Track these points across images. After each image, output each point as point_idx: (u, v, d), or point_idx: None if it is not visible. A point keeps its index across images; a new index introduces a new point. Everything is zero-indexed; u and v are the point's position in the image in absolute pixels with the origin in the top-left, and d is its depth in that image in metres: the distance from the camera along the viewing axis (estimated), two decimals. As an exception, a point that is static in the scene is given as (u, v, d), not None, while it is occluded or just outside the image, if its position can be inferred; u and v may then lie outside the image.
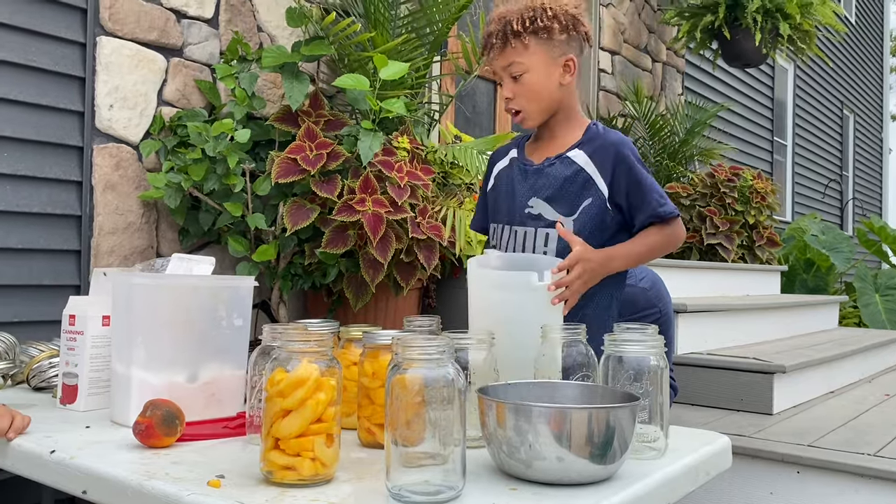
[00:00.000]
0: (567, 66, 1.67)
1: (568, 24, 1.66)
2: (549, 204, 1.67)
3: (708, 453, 1.24)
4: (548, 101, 1.69)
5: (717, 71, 5.69)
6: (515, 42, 1.64)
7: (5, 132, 2.12)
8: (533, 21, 1.64)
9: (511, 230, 1.72)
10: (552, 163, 1.69)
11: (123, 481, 1.02)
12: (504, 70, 1.69)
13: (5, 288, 2.13)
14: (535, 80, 1.66)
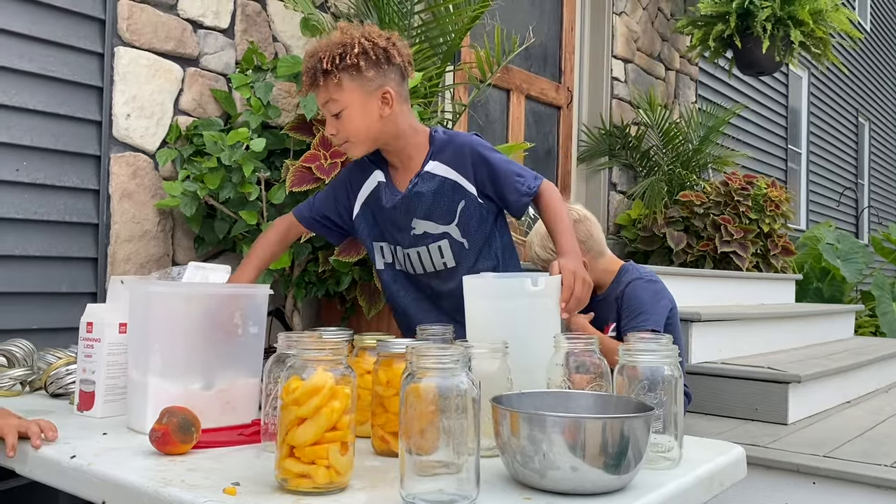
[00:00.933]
0: (385, 98, 1.66)
1: (378, 58, 1.65)
2: (429, 220, 1.75)
3: (722, 464, 1.24)
4: (369, 134, 1.69)
5: (731, 79, 5.68)
6: (326, 80, 1.64)
7: (24, 141, 2.15)
8: (343, 58, 1.62)
9: (404, 253, 1.80)
10: (415, 183, 1.75)
11: (140, 488, 1.03)
12: (323, 108, 1.70)
13: (24, 295, 2.15)
14: (353, 116, 1.66)
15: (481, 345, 1.24)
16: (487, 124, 3.99)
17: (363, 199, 1.83)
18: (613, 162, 4.67)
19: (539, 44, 4.31)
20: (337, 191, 1.89)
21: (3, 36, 2.10)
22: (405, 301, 1.87)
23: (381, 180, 1.80)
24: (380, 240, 1.84)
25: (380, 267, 1.87)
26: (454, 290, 1.71)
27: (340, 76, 1.62)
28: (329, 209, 1.88)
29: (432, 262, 1.79)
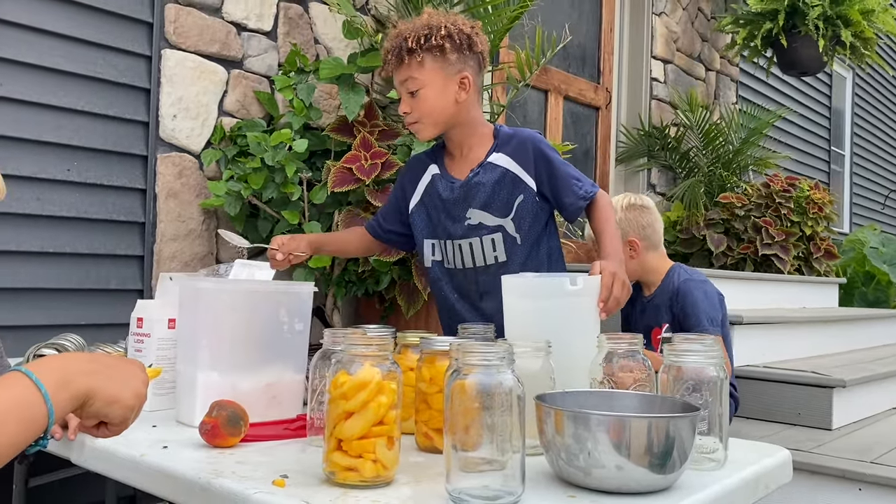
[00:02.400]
0: (463, 83, 1.71)
1: (462, 43, 1.69)
2: (486, 211, 1.77)
3: (769, 466, 1.22)
4: (443, 116, 1.73)
5: (772, 80, 5.59)
6: (410, 59, 1.69)
7: (75, 142, 2.21)
8: (427, 39, 1.67)
9: (455, 244, 1.81)
10: (476, 172, 1.77)
11: (192, 479, 1.06)
12: (401, 85, 1.74)
13: (73, 291, 2.21)
14: (431, 96, 1.70)
15: (524, 343, 1.24)
16: (525, 125, 3.98)
17: (419, 195, 1.87)
18: (652, 163, 4.63)
19: (578, 44, 4.29)
20: (397, 193, 1.93)
21: (55, 39, 2.16)
22: (450, 300, 1.88)
23: (436, 173, 1.83)
24: (431, 237, 1.86)
25: (428, 264, 1.89)
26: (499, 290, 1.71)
27: (424, 56, 1.67)
28: (394, 217, 1.93)
29: (483, 255, 1.79)
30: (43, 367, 0.76)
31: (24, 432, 0.71)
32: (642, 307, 2.27)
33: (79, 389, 0.78)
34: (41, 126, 2.14)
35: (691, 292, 2.11)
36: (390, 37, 1.74)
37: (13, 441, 0.70)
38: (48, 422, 0.73)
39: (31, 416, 0.72)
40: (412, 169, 1.89)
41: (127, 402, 0.84)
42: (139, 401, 0.87)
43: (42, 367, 0.75)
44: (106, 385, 0.82)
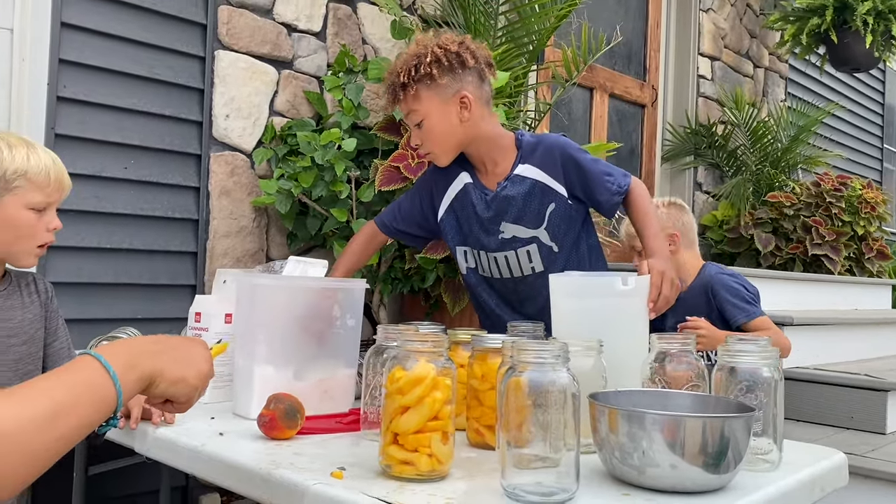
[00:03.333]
0: (463, 102, 1.68)
1: (452, 64, 1.67)
2: (518, 224, 1.75)
3: (824, 468, 1.21)
4: (453, 140, 1.72)
5: (823, 76, 5.47)
6: (404, 94, 1.68)
7: (133, 141, 2.27)
8: (417, 69, 1.66)
9: (490, 257, 1.80)
10: (504, 186, 1.75)
11: (252, 469, 1.09)
12: (406, 119, 1.74)
13: (130, 286, 2.28)
14: (434, 125, 1.69)
15: (577, 342, 1.25)
16: (570, 123, 3.97)
17: (449, 201, 1.84)
18: (699, 161, 4.57)
19: (624, 41, 4.26)
20: (421, 195, 1.90)
21: (117, 42, 2.23)
22: (490, 304, 1.88)
23: (469, 181, 1.81)
24: (463, 244, 1.84)
25: (463, 271, 1.89)
26: (539, 295, 1.72)
27: (417, 87, 1.66)
28: (410, 218, 1.90)
29: (520, 267, 1.79)
30: (110, 350, 0.80)
31: (96, 413, 0.75)
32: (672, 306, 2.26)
33: (145, 371, 0.82)
34: (104, 126, 2.21)
35: (726, 282, 2.16)
36: (386, 74, 1.74)
37: (86, 422, 0.74)
38: (117, 402, 0.77)
39: (101, 397, 0.75)
40: (440, 175, 1.85)
41: (191, 382, 0.89)
42: (203, 380, 0.91)
43: (110, 351, 0.79)
44: (171, 366, 0.86)
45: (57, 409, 0.70)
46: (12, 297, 1.40)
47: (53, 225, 1.38)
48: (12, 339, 1.38)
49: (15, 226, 1.33)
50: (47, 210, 1.37)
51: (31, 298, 1.44)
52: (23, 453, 0.66)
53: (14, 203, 1.32)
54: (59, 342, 1.49)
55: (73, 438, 0.72)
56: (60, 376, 0.74)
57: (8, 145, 1.32)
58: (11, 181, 1.31)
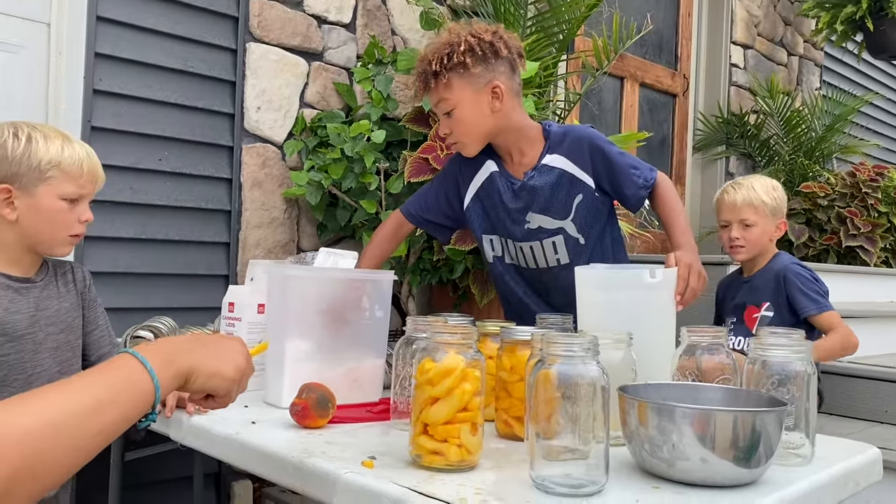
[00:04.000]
0: (495, 92, 1.67)
1: (485, 53, 1.65)
2: (544, 214, 1.74)
3: (858, 463, 1.20)
4: (482, 130, 1.71)
5: (860, 63, 5.36)
6: (436, 82, 1.66)
7: (167, 133, 2.31)
8: (450, 58, 1.64)
9: (517, 246, 1.79)
10: (532, 175, 1.74)
11: (286, 458, 1.11)
12: (436, 108, 1.72)
13: (164, 276, 2.32)
14: (465, 114, 1.68)
15: (606, 334, 1.25)
16: (600, 113, 3.94)
17: (475, 189, 1.84)
18: (731, 151, 4.51)
19: (655, 30, 4.21)
20: (446, 184, 1.89)
21: (151, 35, 2.26)
22: (516, 294, 1.87)
23: (495, 170, 1.80)
24: (490, 232, 1.84)
25: (489, 259, 1.89)
26: (566, 286, 1.72)
27: (449, 76, 1.65)
28: (436, 207, 1.90)
29: (545, 258, 1.79)
30: (147, 348, 0.83)
31: (135, 407, 0.77)
32: (737, 286, 2.29)
33: (181, 367, 0.85)
34: (139, 119, 2.25)
35: (800, 272, 2.17)
36: (416, 62, 1.73)
37: (125, 415, 0.76)
38: (155, 397, 0.79)
39: (140, 391, 0.78)
40: (465, 163, 1.84)
41: (227, 375, 0.90)
42: (240, 373, 0.93)
43: (147, 349, 0.82)
44: (206, 361, 0.88)
45: (98, 404, 0.73)
46: (49, 286, 1.44)
47: (85, 217, 1.41)
48: (50, 327, 1.42)
49: (48, 215, 1.37)
50: (80, 201, 1.40)
51: (69, 288, 1.48)
52: (66, 446, 0.69)
53: (48, 193, 1.36)
54: (98, 330, 1.52)
55: (114, 432, 0.74)
56: (101, 372, 0.77)
57: (44, 136, 1.36)
58: (45, 171, 1.35)
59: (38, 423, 0.67)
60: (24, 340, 1.37)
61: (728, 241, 2.23)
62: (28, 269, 1.42)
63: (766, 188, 2.25)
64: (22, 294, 1.38)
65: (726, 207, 2.25)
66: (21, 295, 1.38)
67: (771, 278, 2.19)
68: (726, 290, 2.35)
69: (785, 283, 2.16)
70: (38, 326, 1.39)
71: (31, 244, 1.40)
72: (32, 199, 1.35)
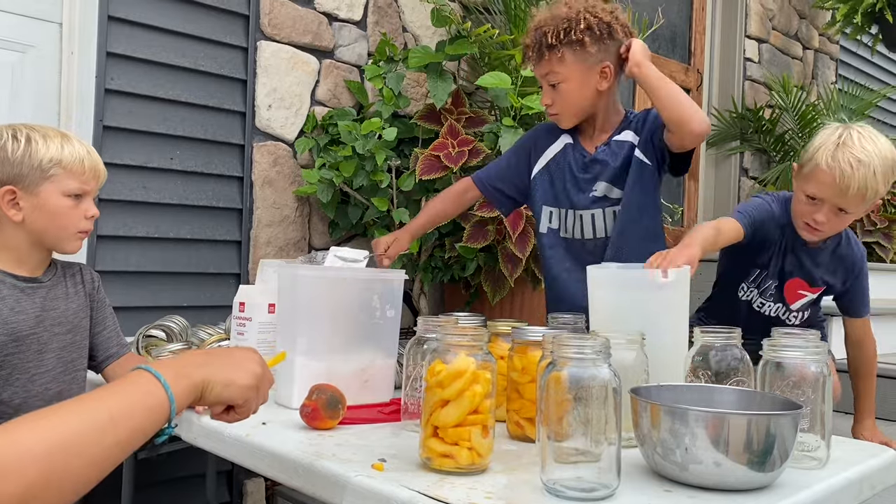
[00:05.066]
0: (604, 72, 1.71)
1: (602, 33, 1.68)
2: (611, 184, 1.77)
3: (874, 466, 1.18)
4: (584, 106, 1.75)
5: (875, 56, 5.29)
6: (550, 54, 1.69)
7: (178, 132, 2.31)
8: (567, 33, 1.66)
9: (577, 214, 1.81)
10: (603, 149, 1.78)
11: (296, 459, 1.10)
12: (543, 78, 1.74)
13: (176, 275, 2.33)
14: (572, 89, 1.71)
15: (618, 335, 1.23)
16: (612, 109, 3.91)
17: (546, 160, 1.86)
18: (745, 146, 4.47)
19: (668, 25, 4.18)
20: (518, 154, 1.92)
21: (163, 34, 2.27)
22: (557, 269, 1.87)
23: (570, 142, 1.83)
24: (552, 204, 1.85)
25: (543, 231, 1.88)
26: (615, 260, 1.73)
27: (563, 50, 1.68)
28: (507, 177, 1.91)
29: (605, 227, 1.79)
30: (160, 363, 0.84)
31: (150, 420, 0.78)
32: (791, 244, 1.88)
33: (195, 379, 0.85)
34: (150, 118, 2.25)
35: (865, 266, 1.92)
36: (529, 30, 1.75)
37: (141, 428, 0.77)
38: (170, 410, 0.80)
39: (154, 404, 0.79)
40: (542, 134, 1.88)
41: (242, 382, 0.90)
42: (256, 379, 0.93)
43: (159, 363, 0.84)
44: (220, 371, 0.89)
45: (114, 417, 0.73)
46: (57, 287, 1.45)
47: (91, 212, 1.43)
48: (56, 327, 1.42)
49: (54, 212, 1.38)
50: (84, 197, 1.42)
51: (77, 289, 1.49)
52: (83, 461, 0.70)
53: (52, 190, 1.38)
54: (107, 331, 1.53)
55: (131, 445, 0.75)
56: (115, 388, 0.78)
57: (43, 136, 1.38)
58: (48, 169, 1.36)
59: (55, 438, 0.68)
60: (29, 340, 1.37)
61: (809, 219, 1.77)
62: (35, 269, 1.42)
63: (887, 172, 1.71)
64: (28, 294, 1.39)
65: (829, 185, 1.70)
66: (27, 295, 1.39)
67: (838, 261, 1.87)
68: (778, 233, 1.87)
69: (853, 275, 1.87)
70: (43, 327, 1.40)
71: (39, 243, 1.41)
72: (37, 199, 1.37)
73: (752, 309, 1.95)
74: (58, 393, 1.42)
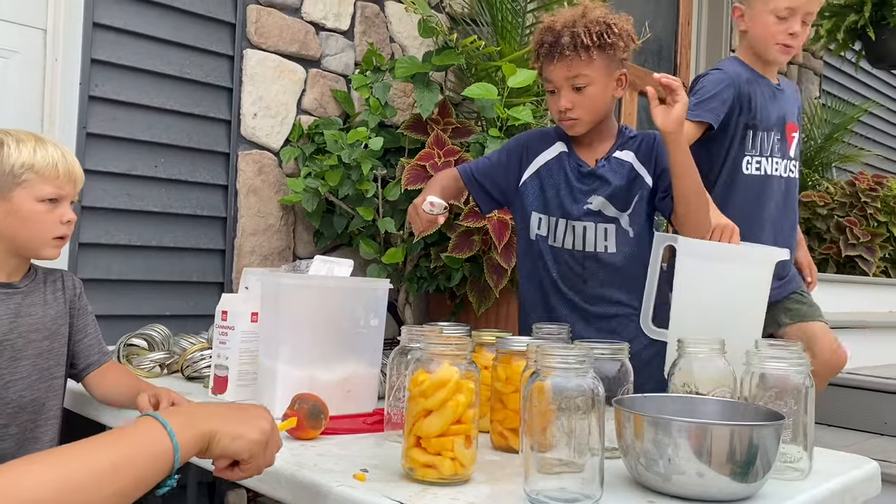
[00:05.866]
0: (620, 80, 1.72)
1: (629, 42, 1.71)
2: (609, 201, 1.77)
3: (856, 478, 1.19)
4: (602, 112, 1.75)
5: (858, 72, 5.36)
6: (585, 55, 1.67)
7: (163, 139, 2.30)
8: (601, 36, 1.66)
9: (569, 225, 1.79)
10: (603, 164, 1.77)
11: (278, 470, 1.09)
12: (566, 80, 1.70)
13: (159, 283, 2.31)
14: (596, 93, 1.71)
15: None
16: (598, 122, 3.93)
17: (537, 167, 1.84)
18: (729, 160, 4.50)
19: (654, 38, 4.21)
20: (510, 154, 1.89)
21: (148, 42, 2.26)
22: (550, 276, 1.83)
23: (564, 151, 1.82)
24: (542, 211, 1.83)
25: (532, 237, 1.85)
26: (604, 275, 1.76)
27: (596, 53, 1.67)
28: (491, 175, 1.89)
29: (594, 241, 1.77)
30: (169, 411, 0.82)
31: (153, 468, 0.76)
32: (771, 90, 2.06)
33: (202, 429, 0.83)
34: (134, 125, 2.24)
35: None
36: (553, 29, 1.71)
37: (143, 475, 0.75)
38: (174, 460, 0.78)
39: (159, 452, 0.77)
40: (536, 140, 1.87)
41: (250, 437, 0.87)
42: (265, 436, 0.89)
43: (168, 411, 0.82)
44: (228, 423, 0.86)
45: (116, 463, 0.72)
46: (34, 293, 1.43)
47: (67, 217, 1.39)
48: (32, 334, 1.40)
49: (28, 219, 1.36)
50: (60, 202, 1.39)
51: (56, 295, 1.46)
52: None
53: (25, 196, 1.35)
54: (88, 339, 1.51)
55: (132, 494, 0.73)
56: (119, 433, 0.77)
57: (16, 140, 1.35)
58: (20, 175, 1.34)
59: (54, 482, 0.67)
60: (2, 347, 1.35)
61: (785, 37, 1.95)
62: (11, 275, 1.40)
63: None
64: (1, 300, 1.37)
65: None
66: (0, 301, 1.37)
67: (793, 91, 2.04)
68: (753, 86, 2.02)
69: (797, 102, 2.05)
70: (17, 333, 1.38)
71: (14, 249, 1.38)
72: (10, 205, 1.34)
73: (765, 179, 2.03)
74: (32, 400, 1.39)
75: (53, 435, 1.43)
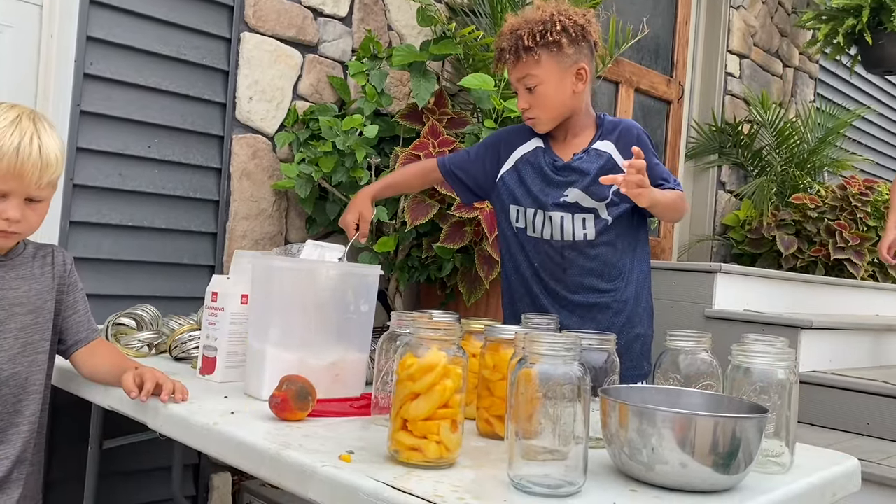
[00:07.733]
0: (579, 74, 1.72)
1: (577, 36, 1.70)
2: (585, 193, 1.76)
3: (836, 474, 1.20)
4: (561, 109, 1.75)
5: (853, 77, 5.38)
6: (527, 56, 1.69)
7: (157, 120, 2.29)
8: (543, 35, 1.67)
9: (546, 215, 1.79)
10: (580, 157, 1.77)
11: (263, 450, 1.10)
12: (518, 82, 1.74)
13: (150, 264, 2.30)
14: (549, 92, 1.72)
15: (589, 336, 1.24)
16: (594, 117, 3.94)
17: (516, 158, 1.85)
18: (723, 160, 4.53)
19: (651, 36, 4.22)
20: (488, 148, 1.91)
21: (145, 21, 2.24)
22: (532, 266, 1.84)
23: (540, 146, 1.82)
24: (519, 203, 1.83)
25: (510, 230, 1.86)
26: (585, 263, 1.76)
27: (540, 53, 1.68)
28: (470, 168, 1.91)
29: (573, 231, 1.78)
30: None
31: None
32: None
33: None
34: (129, 105, 2.22)
35: None
36: (503, 34, 1.74)
37: None
38: None
39: None
40: (514, 134, 1.88)
41: None
42: None
43: None
44: None
45: None
46: (19, 267, 1.41)
47: (7, 214, 1.32)
48: (16, 307, 1.39)
49: None
50: (8, 197, 1.32)
51: (44, 270, 1.45)
52: None
53: None
54: (77, 315, 1.50)
55: None
56: None
57: None
58: None
59: None
60: None
61: None
62: None
63: None
64: None
65: None
66: None
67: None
68: None
69: None
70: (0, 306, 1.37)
71: None
72: None
73: None
74: (14, 374, 1.38)
75: (35, 409, 1.42)
